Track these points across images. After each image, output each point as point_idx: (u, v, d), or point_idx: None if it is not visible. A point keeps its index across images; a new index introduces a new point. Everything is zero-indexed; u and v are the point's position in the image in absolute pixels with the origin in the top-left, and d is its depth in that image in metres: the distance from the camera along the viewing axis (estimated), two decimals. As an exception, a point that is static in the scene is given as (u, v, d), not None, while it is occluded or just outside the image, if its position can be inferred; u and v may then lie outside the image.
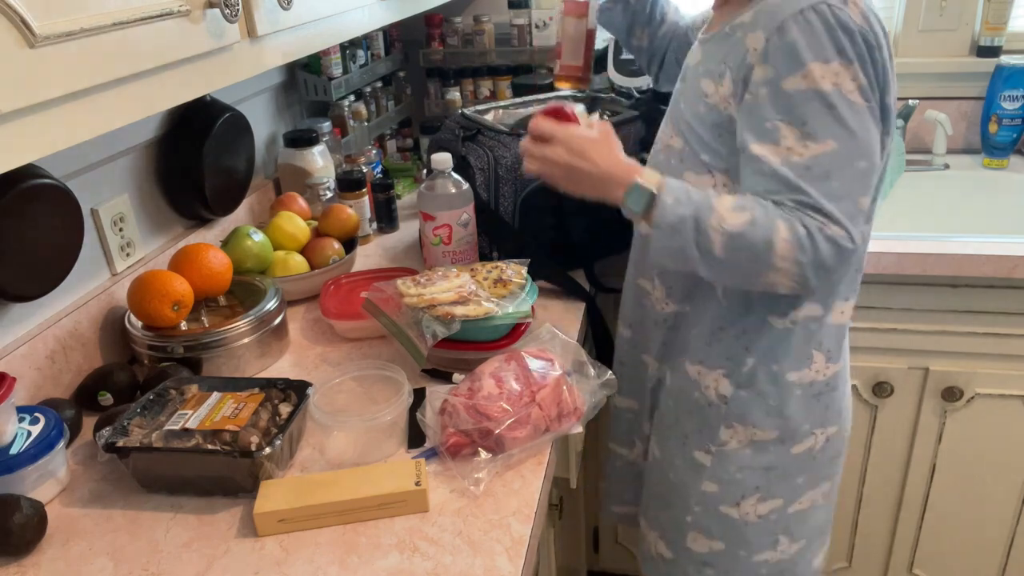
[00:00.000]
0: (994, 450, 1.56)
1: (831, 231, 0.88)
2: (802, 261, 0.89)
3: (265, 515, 0.85)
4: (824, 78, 0.87)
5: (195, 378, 1.05)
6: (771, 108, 0.89)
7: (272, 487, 0.89)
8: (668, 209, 0.92)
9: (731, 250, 0.91)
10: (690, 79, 1.04)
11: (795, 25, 0.87)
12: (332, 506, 0.86)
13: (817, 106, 0.87)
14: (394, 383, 1.02)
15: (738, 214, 0.90)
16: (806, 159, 0.88)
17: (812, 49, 0.87)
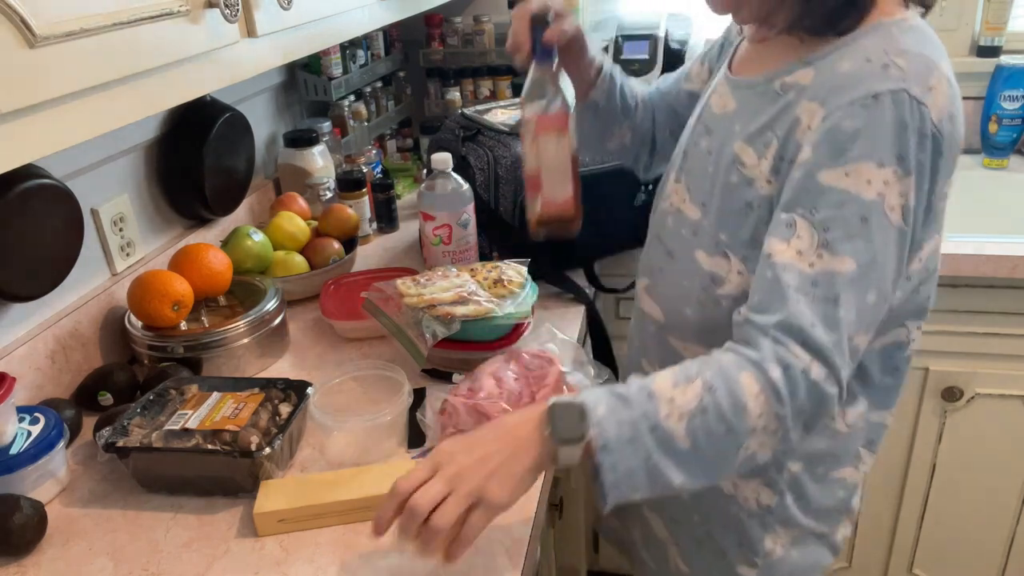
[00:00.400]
0: (994, 450, 1.56)
1: (816, 373, 0.72)
2: (781, 414, 0.72)
3: (265, 515, 0.85)
4: (870, 183, 0.71)
5: (195, 378, 1.05)
6: (797, 197, 0.75)
7: (272, 487, 0.89)
8: (608, 422, 0.71)
9: (697, 433, 0.72)
10: (720, 134, 0.87)
11: (863, 110, 0.71)
12: (332, 506, 0.86)
13: (849, 213, 0.72)
14: (394, 383, 1.02)
15: (687, 388, 0.73)
16: (814, 272, 0.73)
17: (869, 143, 0.71)
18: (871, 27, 0.76)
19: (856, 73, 0.73)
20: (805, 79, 0.78)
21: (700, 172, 0.89)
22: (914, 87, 0.71)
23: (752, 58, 0.89)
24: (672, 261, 0.92)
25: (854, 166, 0.71)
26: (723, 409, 0.71)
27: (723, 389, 0.72)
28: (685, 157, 0.93)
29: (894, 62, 0.72)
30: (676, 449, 0.72)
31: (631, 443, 0.71)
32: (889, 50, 0.73)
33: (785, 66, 0.81)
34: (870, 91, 0.71)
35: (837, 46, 0.77)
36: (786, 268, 0.74)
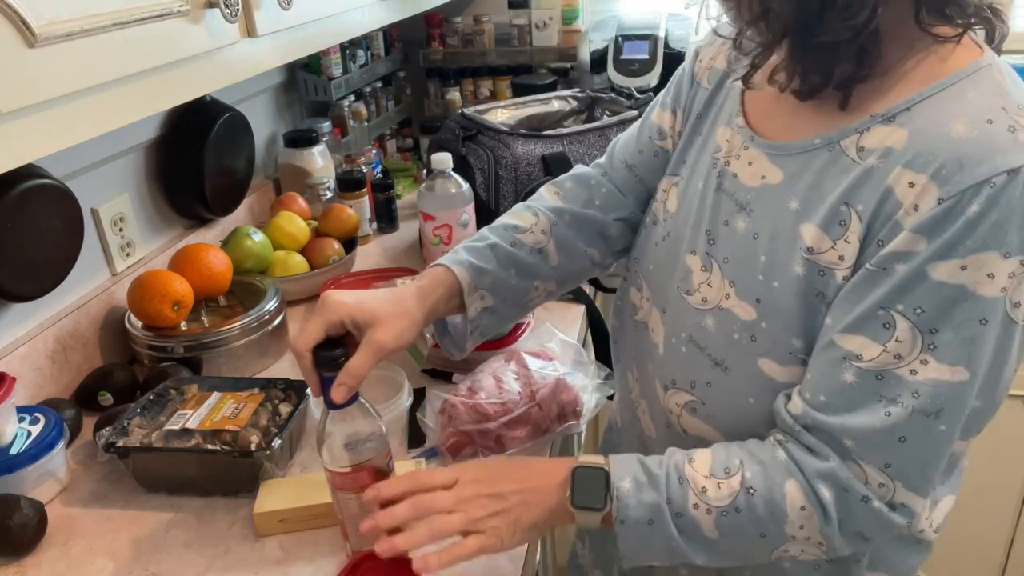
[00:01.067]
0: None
1: (878, 503, 0.63)
2: (828, 533, 0.65)
3: (265, 515, 0.85)
4: (993, 278, 0.58)
5: (195, 378, 1.05)
6: (898, 292, 0.60)
7: (272, 487, 0.89)
8: (630, 500, 0.68)
9: (728, 529, 0.67)
10: (766, 214, 0.70)
11: (993, 191, 0.56)
12: (331, 506, 0.86)
13: (965, 313, 0.59)
14: (394, 383, 1.02)
15: (723, 483, 0.66)
16: (916, 380, 0.60)
17: (996, 230, 0.57)
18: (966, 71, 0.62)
19: (979, 141, 0.58)
20: (896, 141, 0.62)
21: (745, 261, 0.71)
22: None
23: (786, 110, 0.71)
24: (726, 375, 0.73)
25: (974, 257, 0.57)
26: (758, 514, 0.66)
27: (763, 492, 0.65)
28: (711, 240, 0.75)
29: (1020, 123, 0.58)
30: (701, 537, 0.68)
31: (651, 525, 0.68)
32: (1007, 107, 0.59)
33: (852, 125, 0.65)
34: (1004, 165, 0.56)
35: (924, 96, 0.62)
36: (880, 374, 0.61)
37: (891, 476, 0.62)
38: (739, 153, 0.74)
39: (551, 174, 1.34)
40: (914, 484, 0.63)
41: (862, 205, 0.63)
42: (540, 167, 1.35)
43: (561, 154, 1.36)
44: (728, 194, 0.74)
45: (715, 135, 0.78)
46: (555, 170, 1.34)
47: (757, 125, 0.74)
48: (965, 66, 0.62)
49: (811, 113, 0.68)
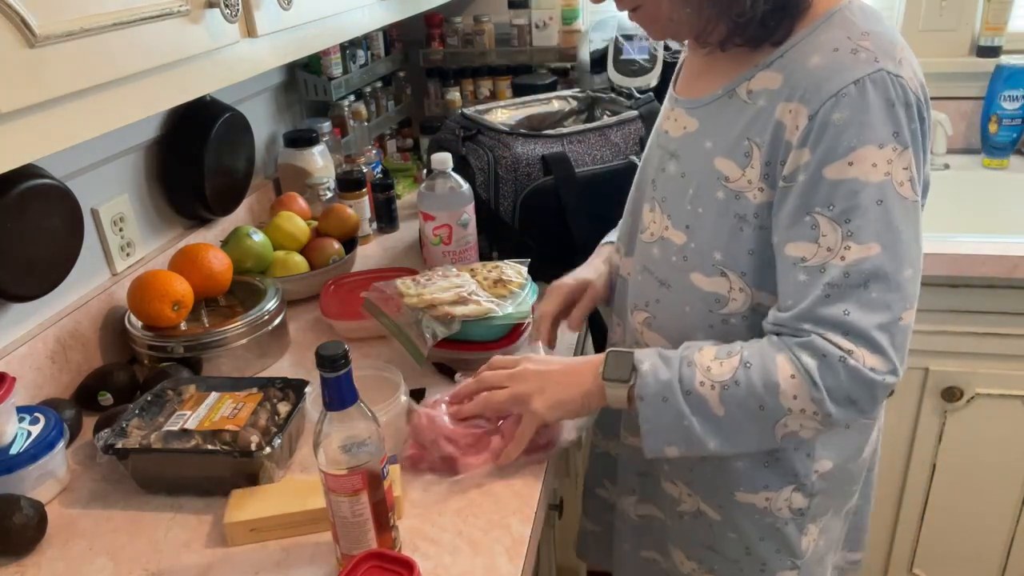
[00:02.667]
0: (994, 450, 1.56)
1: (855, 360, 0.74)
2: (817, 398, 0.75)
3: (236, 525, 0.84)
4: (876, 166, 0.72)
5: (193, 378, 1.05)
6: (811, 198, 0.75)
7: (243, 496, 0.88)
8: (648, 377, 0.81)
9: (731, 404, 0.78)
10: (690, 155, 0.86)
11: (848, 99, 0.72)
12: (304, 515, 0.85)
13: (864, 200, 0.73)
14: (390, 384, 1.02)
15: (724, 361, 0.79)
16: (845, 264, 0.74)
17: (865, 129, 0.72)
18: (822, 18, 0.77)
19: (829, 65, 0.74)
20: (773, 83, 0.78)
21: (677, 196, 0.87)
22: (888, 64, 0.73)
23: (700, 73, 0.88)
24: (668, 291, 0.90)
25: (855, 154, 0.72)
26: (755, 385, 0.77)
27: (758, 366, 0.77)
28: (654, 187, 0.92)
29: (861, 46, 0.74)
30: (710, 415, 0.79)
31: (665, 401, 0.80)
32: (852, 35, 0.75)
33: (742, 73, 0.81)
34: (849, 78, 0.72)
35: (793, 43, 0.77)
36: (822, 268, 0.75)
37: (853, 343, 0.74)
38: (669, 115, 0.92)
39: (551, 174, 1.35)
40: (873, 347, 0.74)
41: (759, 138, 0.78)
42: (540, 167, 1.35)
43: (561, 154, 1.36)
44: (663, 148, 0.92)
45: (662, 115, 0.96)
46: (555, 170, 1.34)
47: (681, 92, 0.91)
48: (822, 13, 0.77)
49: (714, 73, 0.85)
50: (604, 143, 1.40)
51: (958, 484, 1.61)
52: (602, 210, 1.38)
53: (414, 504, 0.89)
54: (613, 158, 1.40)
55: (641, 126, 1.44)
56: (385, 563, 0.77)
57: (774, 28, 0.77)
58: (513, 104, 1.53)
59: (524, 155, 1.35)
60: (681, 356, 0.82)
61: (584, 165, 1.37)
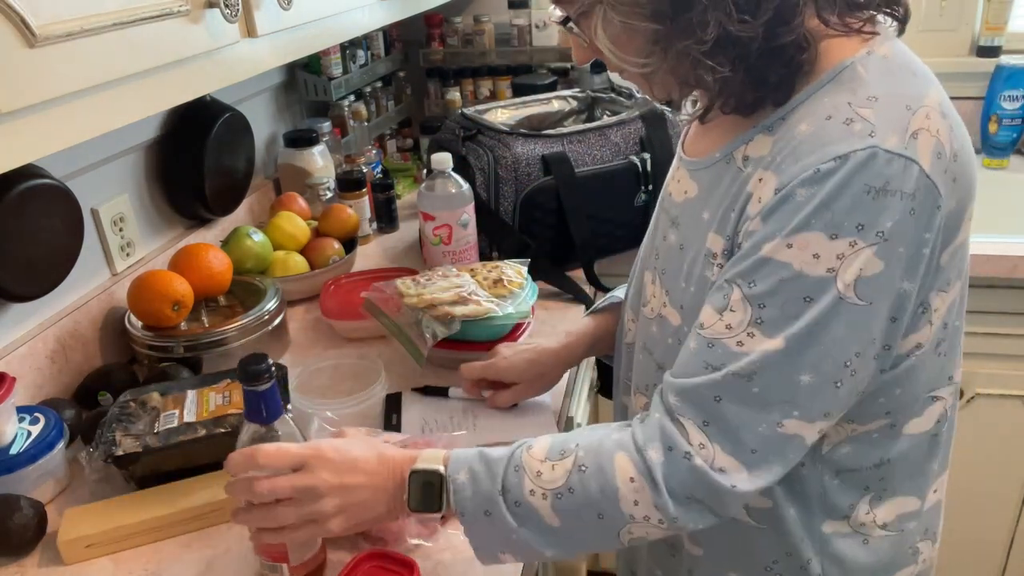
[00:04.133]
0: (994, 450, 1.56)
1: (702, 459, 0.65)
2: (660, 503, 0.65)
3: (71, 542, 0.83)
4: (819, 258, 0.61)
5: (151, 387, 1.01)
6: (737, 266, 0.66)
7: (76, 513, 0.87)
8: (466, 491, 0.70)
9: (566, 514, 0.68)
10: (688, 225, 0.75)
11: (822, 176, 0.61)
12: (143, 524, 0.85)
13: (788, 290, 0.63)
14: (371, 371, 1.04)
15: (557, 463, 0.69)
16: (738, 350, 0.65)
17: (823, 212, 0.61)
18: (828, 74, 0.65)
19: (816, 135, 0.63)
20: (764, 148, 0.67)
21: (674, 271, 0.77)
22: (888, 140, 0.61)
23: (704, 132, 0.77)
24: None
25: (800, 236, 0.61)
26: (591, 492, 0.67)
27: (593, 469, 0.68)
28: (657, 256, 0.81)
29: (858, 115, 0.62)
30: (544, 526, 0.69)
31: (488, 515, 0.69)
32: (853, 101, 0.63)
33: (741, 135, 0.70)
34: (832, 153, 0.61)
35: (795, 104, 0.66)
36: (712, 342, 0.66)
37: (709, 436, 0.65)
38: (674, 175, 0.81)
39: (551, 174, 1.35)
40: (732, 448, 0.65)
41: (735, 210, 0.68)
42: (540, 167, 1.35)
43: (561, 154, 1.36)
44: (666, 211, 0.81)
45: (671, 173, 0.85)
46: (555, 170, 1.34)
47: (687, 150, 0.80)
48: (830, 70, 0.66)
49: (717, 131, 0.74)
50: (604, 143, 1.40)
51: (958, 484, 1.61)
52: (602, 210, 1.38)
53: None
54: (613, 158, 1.40)
55: (641, 126, 1.44)
56: (385, 563, 0.77)
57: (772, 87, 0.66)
58: (513, 104, 1.53)
59: (524, 155, 1.35)
60: (509, 458, 0.71)
61: (584, 165, 1.37)
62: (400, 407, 1.05)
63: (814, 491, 0.74)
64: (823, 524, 0.76)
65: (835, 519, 0.76)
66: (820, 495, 0.75)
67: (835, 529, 0.76)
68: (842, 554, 0.77)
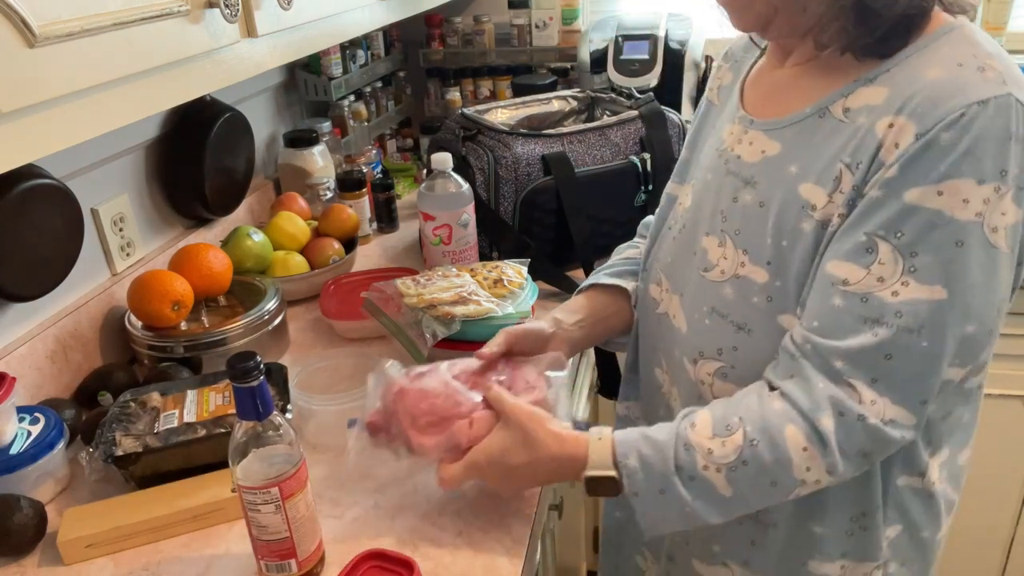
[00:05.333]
0: (994, 450, 1.56)
1: (875, 417, 0.66)
2: (831, 462, 0.69)
3: (71, 542, 0.83)
4: (968, 203, 0.62)
5: (151, 387, 1.01)
6: (876, 217, 0.65)
7: (77, 513, 0.87)
8: (639, 474, 0.73)
9: (739, 484, 0.71)
10: (770, 182, 0.75)
11: (968, 121, 0.62)
12: (143, 524, 0.85)
13: (941, 236, 0.63)
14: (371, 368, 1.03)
15: (726, 439, 0.71)
16: (898, 301, 0.65)
17: (970, 158, 0.62)
18: (940, 30, 0.68)
19: (952, 80, 0.63)
20: (876, 98, 0.68)
21: (755, 229, 0.75)
22: (1018, 91, 0.63)
23: (781, 89, 0.78)
24: (749, 336, 0.77)
25: (950, 183, 0.62)
26: (765, 463, 0.70)
27: (766, 442, 0.70)
28: (724, 218, 0.79)
29: (988, 64, 0.64)
30: (716, 496, 0.72)
31: (663, 494, 0.73)
32: (978, 54, 0.65)
33: (838, 89, 0.71)
34: (974, 97, 0.62)
35: (902, 59, 0.68)
36: (865, 296, 0.66)
37: (879, 392, 0.66)
38: (740, 138, 0.80)
39: (551, 174, 1.35)
40: (902, 399, 0.66)
41: (850, 159, 0.68)
42: (540, 167, 1.35)
43: (561, 154, 1.36)
44: (734, 174, 0.80)
45: (724, 134, 0.84)
46: (555, 170, 1.34)
47: (755, 112, 0.80)
48: (938, 28, 0.68)
49: (799, 88, 0.75)
50: (604, 143, 1.40)
51: (958, 484, 1.62)
52: (602, 210, 1.38)
53: (415, 504, 0.89)
54: (613, 158, 1.40)
55: (641, 126, 1.44)
56: (385, 563, 0.77)
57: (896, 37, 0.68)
58: (513, 104, 1.53)
59: (524, 155, 1.35)
60: (676, 436, 0.73)
61: (584, 165, 1.37)
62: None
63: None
64: (899, 478, 0.79)
65: (910, 474, 0.79)
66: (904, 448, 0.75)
67: (908, 483, 0.79)
68: (907, 506, 0.80)
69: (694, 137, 0.94)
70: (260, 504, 0.73)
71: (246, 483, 0.73)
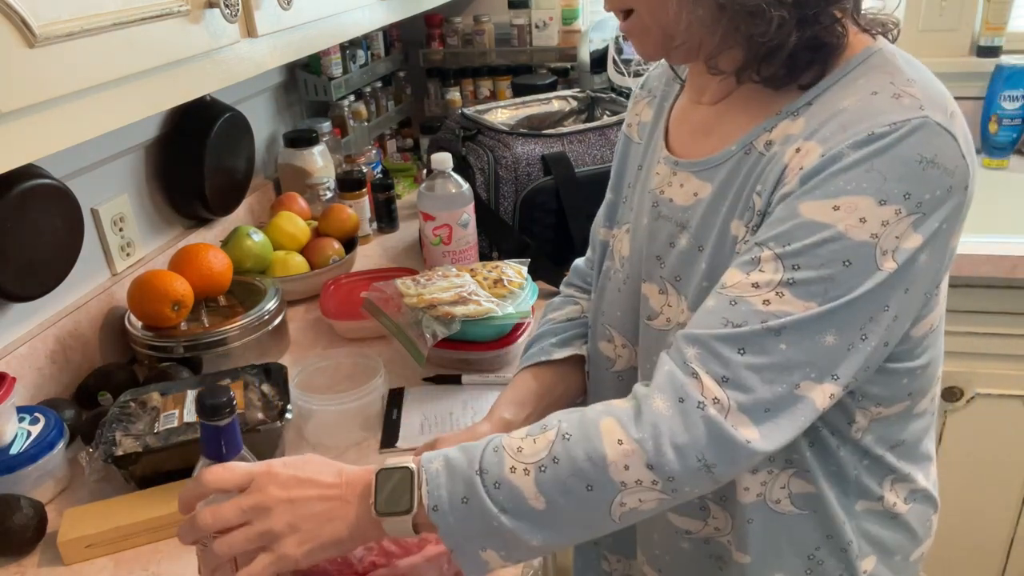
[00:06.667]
0: (994, 450, 1.56)
1: (714, 412, 0.60)
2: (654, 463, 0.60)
3: (71, 542, 0.83)
4: (865, 222, 0.59)
5: (151, 387, 1.01)
6: (770, 230, 0.63)
7: (76, 513, 0.87)
8: (441, 478, 0.63)
9: (550, 490, 0.62)
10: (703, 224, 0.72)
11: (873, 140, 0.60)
12: (142, 524, 0.85)
13: (829, 252, 0.60)
14: (368, 368, 1.04)
15: (538, 437, 0.64)
16: (766, 309, 0.62)
17: (873, 176, 0.59)
18: (858, 57, 0.66)
19: (863, 107, 0.62)
20: (795, 128, 0.66)
21: (692, 274, 0.73)
22: (936, 114, 0.60)
23: (706, 128, 0.75)
24: None
25: (847, 199, 0.60)
26: (577, 461, 0.61)
27: (579, 436, 0.62)
28: (661, 264, 0.77)
29: (905, 91, 0.62)
30: (527, 509, 0.62)
31: (466, 504, 0.62)
32: (895, 81, 0.63)
33: (760, 124, 0.69)
34: (886, 120, 0.60)
35: (823, 89, 0.66)
36: (735, 300, 0.63)
37: (725, 391, 0.61)
38: (670, 180, 0.77)
39: (551, 174, 1.35)
40: (748, 403, 0.61)
41: (761, 186, 0.67)
42: (540, 167, 1.35)
43: (561, 154, 1.36)
44: (667, 218, 0.77)
45: (651, 175, 0.81)
46: (555, 170, 1.34)
47: (682, 151, 0.77)
48: (855, 56, 0.66)
49: (725, 125, 0.73)
50: (604, 143, 1.40)
51: (958, 484, 1.61)
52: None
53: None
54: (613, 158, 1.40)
55: (641, 126, 1.44)
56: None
57: (803, 68, 0.66)
58: (513, 104, 1.53)
59: (524, 155, 1.35)
60: (488, 441, 0.65)
61: (584, 165, 1.37)
62: (402, 402, 1.05)
63: (850, 474, 0.75)
64: (857, 504, 0.77)
65: (868, 499, 0.77)
66: (856, 477, 0.75)
67: (868, 507, 0.77)
68: (875, 533, 0.78)
69: (617, 178, 0.91)
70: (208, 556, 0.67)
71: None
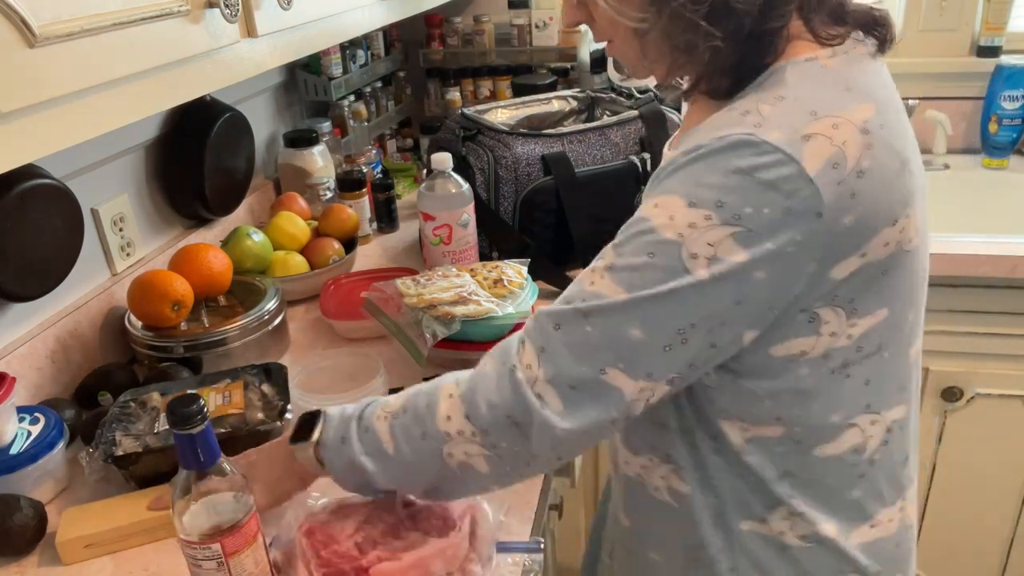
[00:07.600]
0: (994, 450, 1.56)
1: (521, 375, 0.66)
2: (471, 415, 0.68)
3: (70, 542, 0.83)
4: (673, 220, 0.62)
5: (151, 387, 1.01)
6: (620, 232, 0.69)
7: (76, 513, 0.87)
8: (333, 420, 0.75)
9: (398, 436, 0.71)
10: None
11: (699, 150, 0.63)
12: (140, 524, 0.85)
13: (639, 244, 0.64)
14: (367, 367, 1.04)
15: (405, 394, 0.74)
16: (587, 290, 0.66)
17: (688, 179, 0.63)
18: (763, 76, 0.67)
19: (713, 121, 0.65)
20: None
21: None
22: (772, 134, 0.60)
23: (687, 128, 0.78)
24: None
25: (664, 198, 0.63)
26: (419, 410, 0.71)
27: (426, 391, 0.72)
28: None
29: (757, 109, 0.63)
30: (380, 450, 0.72)
31: (343, 442, 0.74)
32: (764, 98, 0.64)
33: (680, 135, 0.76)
34: (717, 134, 0.62)
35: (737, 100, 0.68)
36: (579, 280, 0.68)
37: (539, 361, 0.66)
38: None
39: (551, 174, 1.35)
40: (553, 376, 0.65)
41: None
42: (540, 167, 1.35)
43: (561, 154, 1.36)
44: None
45: None
46: (555, 170, 1.34)
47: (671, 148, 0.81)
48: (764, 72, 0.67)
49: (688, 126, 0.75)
50: (604, 143, 1.40)
51: (958, 484, 1.61)
52: (602, 210, 1.38)
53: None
54: (613, 158, 1.40)
55: (641, 126, 1.44)
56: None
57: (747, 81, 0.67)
58: (513, 104, 1.53)
59: (524, 155, 1.35)
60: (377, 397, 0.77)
61: (584, 165, 1.37)
62: None
63: (726, 486, 0.74)
64: (740, 522, 0.75)
65: (751, 519, 0.75)
66: (732, 491, 0.74)
67: (752, 528, 0.75)
68: (758, 558, 0.75)
69: None
70: (201, 560, 0.68)
71: (186, 536, 0.67)
